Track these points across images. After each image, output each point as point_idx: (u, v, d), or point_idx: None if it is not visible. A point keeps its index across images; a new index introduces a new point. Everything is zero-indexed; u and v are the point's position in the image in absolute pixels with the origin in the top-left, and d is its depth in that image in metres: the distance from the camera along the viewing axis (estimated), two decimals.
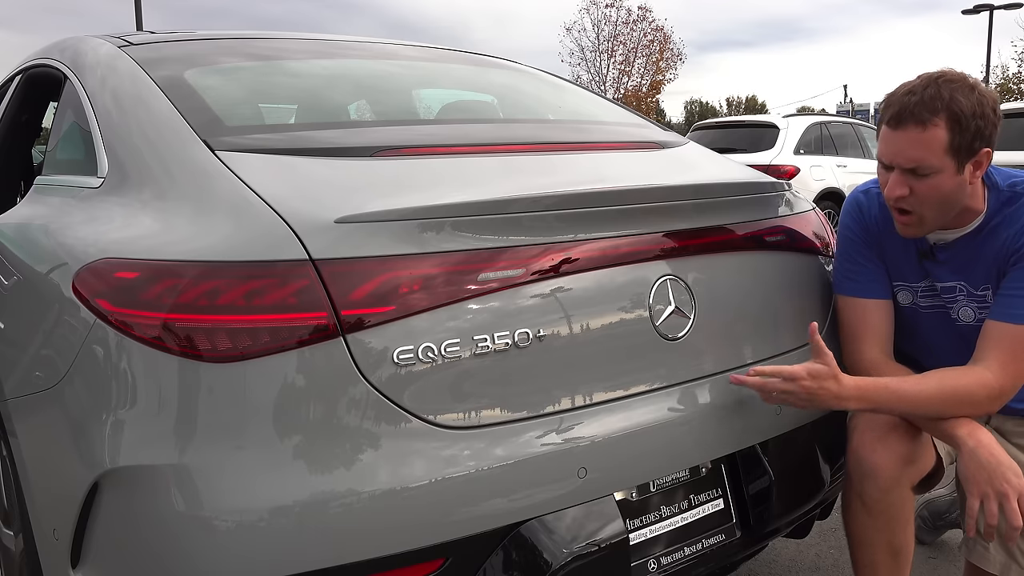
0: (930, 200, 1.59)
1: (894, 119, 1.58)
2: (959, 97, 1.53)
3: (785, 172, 8.50)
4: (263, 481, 1.17)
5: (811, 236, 1.85)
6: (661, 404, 1.47)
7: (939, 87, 1.55)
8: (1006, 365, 1.59)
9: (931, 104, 1.54)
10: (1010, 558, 1.70)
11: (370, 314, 1.22)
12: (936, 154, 1.55)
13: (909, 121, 1.55)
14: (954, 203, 1.62)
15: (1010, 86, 28.66)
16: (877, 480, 1.66)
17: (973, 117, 1.53)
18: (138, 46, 1.88)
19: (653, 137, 2.11)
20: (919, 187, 1.58)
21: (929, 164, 1.56)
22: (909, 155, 1.57)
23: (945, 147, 1.54)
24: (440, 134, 1.85)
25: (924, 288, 1.78)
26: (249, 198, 1.30)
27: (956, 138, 1.54)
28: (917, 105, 1.54)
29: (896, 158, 1.59)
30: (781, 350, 1.70)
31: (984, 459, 1.55)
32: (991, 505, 1.53)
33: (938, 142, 1.54)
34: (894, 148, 1.59)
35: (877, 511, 1.68)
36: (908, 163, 1.57)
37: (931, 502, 2.44)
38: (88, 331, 1.27)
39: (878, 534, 1.70)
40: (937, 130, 1.54)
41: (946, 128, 1.53)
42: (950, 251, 1.71)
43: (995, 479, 1.53)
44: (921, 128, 1.54)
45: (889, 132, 1.59)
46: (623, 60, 31.67)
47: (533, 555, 1.31)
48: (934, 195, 1.58)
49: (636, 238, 1.48)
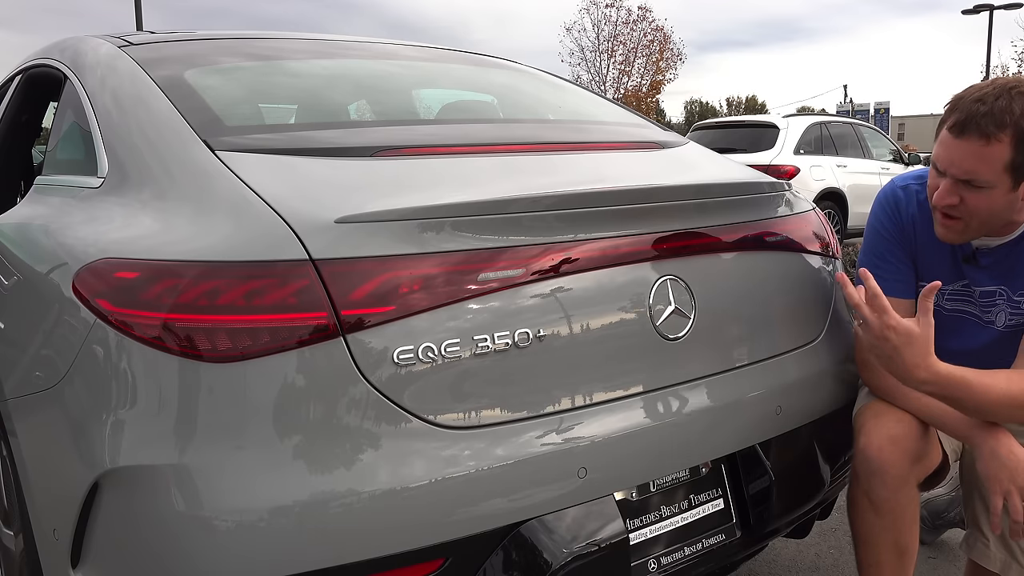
0: (979, 213, 1.55)
1: (958, 126, 1.50)
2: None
3: (785, 172, 8.50)
4: (263, 481, 1.17)
5: (811, 236, 1.85)
6: (661, 404, 1.47)
7: (1011, 99, 1.47)
8: None
9: (1000, 117, 1.46)
10: (1011, 556, 1.70)
11: (370, 314, 1.22)
12: (995, 170, 1.49)
13: (973, 132, 1.48)
14: (1002, 217, 1.58)
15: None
16: (885, 479, 1.65)
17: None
18: (138, 46, 1.88)
19: (653, 137, 2.11)
20: (970, 198, 1.54)
21: (985, 179, 1.50)
22: (966, 167, 1.51)
23: (1006, 164, 1.48)
24: (440, 134, 1.85)
25: (953, 291, 1.76)
26: (249, 198, 1.30)
27: (1019, 156, 1.47)
28: (985, 116, 1.47)
29: (952, 167, 1.53)
30: (781, 350, 1.70)
31: (1005, 456, 1.54)
32: (1015, 501, 1.53)
33: (999, 158, 1.48)
34: (952, 156, 1.53)
35: (885, 510, 1.67)
36: (964, 174, 1.52)
37: (930, 501, 2.44)
38: (88, 331, 1.27)
39: (884, 533, 1.69)
40: (1001, 146, 1.47)
41: (1011, 145, 1.47)
42: (993, 256, 1.68)
43: (1018, 475, 1.52)
44: (984, 141, 1.47)
45: (950, 139, 1.52)
46: (623, 60, 31.71)
47: (533, 555, 1.31)
48: (984, 208, 1.54)
49: (636, 238, 1.48)
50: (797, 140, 9.14)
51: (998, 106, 1.47)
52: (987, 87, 1.52)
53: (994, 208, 1.55)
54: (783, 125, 9.29)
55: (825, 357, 1.78)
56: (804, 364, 1.74)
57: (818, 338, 1.79)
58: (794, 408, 1.67)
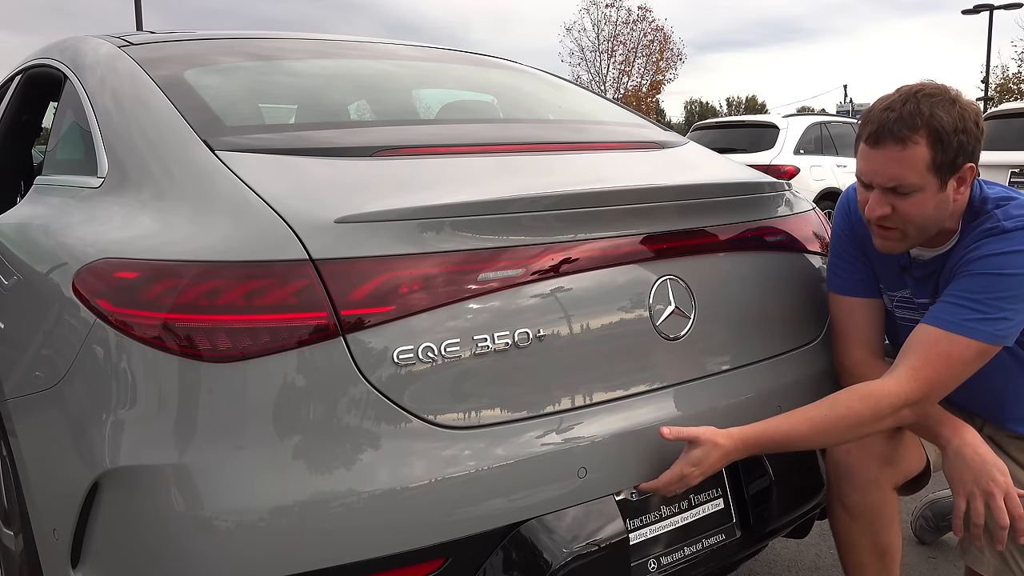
0: (913, 218, 1.54)
1: (872, 137, 1.52)
2: (940, 112, 1.47)
3: (785, 172, 8.49)
4: (263, 481, 1.17)
5: (811, 236, 1.85)
6: (661, 404, 1.47)
7: (918, 102, 1.48)
8: (917, 371, 1.51)
9: (911, 120, 1.47)
10: (1003, 563, 1.69)
11: (370, 314, 1.22)
12: (918, 172, 1.49)
13: (888, 139, 1.49)
14: (937, 220, 1.56)
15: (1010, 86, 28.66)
16: (854, 482, 1.64)
17: (955, 132, 1.47)
18: (138, 46, 1.88)
19: (653, 137, 2.11)
20: (901, 205, 1.53)
21: (911, 183, 1.50)
22: (889, 174, 1.51)
23: (927, 165, 1.49)
24: (440, 134, 1.85)
25: (901, 299, 1.75)
26: (249, 198, 1.30)
27: (938, 155, 1.48)
28: (896, 122, 1.48)
29: (876, 177, 1.53)
30: (781, 350, 1.70)
31: (969, 457, 1.53)
32: (977, 504, 1.51)
33: (919, 160, 1.48)
34: (874, 166, 1.53)
35: (858, 513, 1.67)
36: (889, 182, 1.52)
37: (935, 503, 2.43)
38: (88, 331, 1.27)
39: (861, 536, 1.69)
40: (918, 148, 1.48)
41: (927, 145, 1.48)
42: (925, 269, 1.67)
43: (981, 478, 1.51)
44: (901, 146, 1.48)
45: (868, 150, 1.53)
46: (623, 60, 31.71)
47: (533, 555, 1.31)
48: (917, 213, 1.53)
49: (636, 238, 1.48)
50: (797, 140, 9.14)
51: (907, 110, 1.48)
52: (893, 95, 1.54)
53: (926, 211, 1.54)
54: (783, 125, 9.29)
55: (825, 357, 1.78)
56: (804, 364, 1.74)
57: (818, 338, 1.80)
58: (794, 407, 1.66)
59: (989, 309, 1.50)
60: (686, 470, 1.43)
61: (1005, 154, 6.70)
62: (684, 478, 1.43)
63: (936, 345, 1.52)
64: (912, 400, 1.51)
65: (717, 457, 1.45)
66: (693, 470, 1.43)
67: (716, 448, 1.44)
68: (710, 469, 1.45)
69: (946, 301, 1.55)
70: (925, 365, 1.51)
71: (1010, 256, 1.51)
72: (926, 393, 1.52)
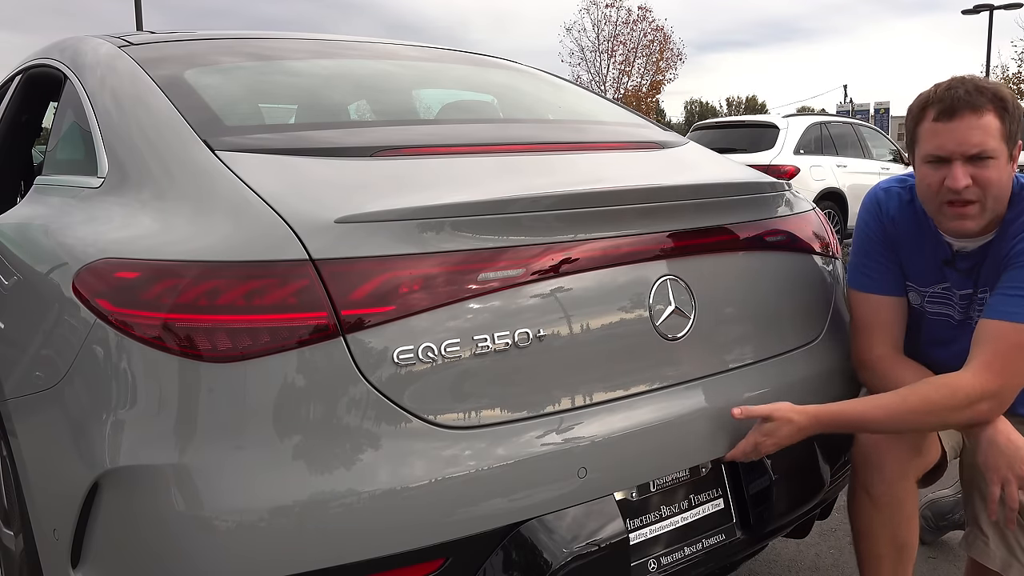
0: (992, 187, 1.59)
1: (946, 112, 1.58)
2: (999, 87, 1.59)
3: (785, 172, 8.49)
4: (263, 481, 1.17)
5: (811, 236, 1.85)
6: (661, 404, 1.47)
7: (975, 81, 1.59)
8: (990, 364, 1.56)
9: (979, 93, 1.57)
10: (1010, 554, 1.70)
11: (370, 314, 1.22)
12: (995, 138, 1.57)
13: (964, 109, 1.57)
14: (1006, 194, 1.63)
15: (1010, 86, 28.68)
16: (883, 472, 1.66)
17: (1015, 107, 1.59)
18: (138, 46, 1.88)
19: (653, 137, 2.11)
20: (980, 175, 1.58)
21: (992, 148, 1.57)
22: (973, 140, 1.57)
23: (1000, 132, 1.57)
24: (440, 134, 1.85)
25: (935, 293, 1.77)
26: (249, 198, 1.30)
27: (1006, 125, 1.58)
28: (966, 95, 1.57)
29: (959, 147, 1.58)
30: (781, 350, 1.70)
31: (1003, 444, 1.55)
32: (1012, 490, 1.54)
33: (994, 127, 1.57)
34: (955, 137, 1.58)
35: (883, 503, 1.69)
36: (973, 148, 1.57)
37: (935, 502, 2.43)
38: (88, 331, 1.27)
39: (883, 528, 1.71)
40: (990, 116, 1.57)
41: (996, 115, 1.57)
42: (971, 259, 1.70)
43: (1016, 463, 1.54)
44: (977, 115, 1.56)
45: (942, 125, 1.59)
46: (623, 60, 31.68)
47: (533, 555, 1.31)
48: (995, 182, 1.59)
49: (636, 238, 1.48)
50: (797, 140, 9.13)
51: (972, 85, 1.59)
52: (944, 83, 1.63)
53: (1003, 181, 1.60)
54: (783, 125, 9.29)
55: (825, 357, 1.78)
56: (804, 364, 1.74)
57: (818, 338, 1.80)
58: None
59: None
60: (759, 439, 1.53)
61: None
62: (758, 446, 1.53)
63: (1005, 338, 1.56)
64: (989, 392, 1.55)
65: (790, 431, 1.54)
66: (766, 439, 1.53)
67: (789, 423, 1.53)
68: (784, 440, 1.54)
69: (1005, 294, 1.60)
70: (997, 358, 1.56)
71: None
72: (1001, 384, 1.56)
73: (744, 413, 1.51)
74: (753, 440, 1.52)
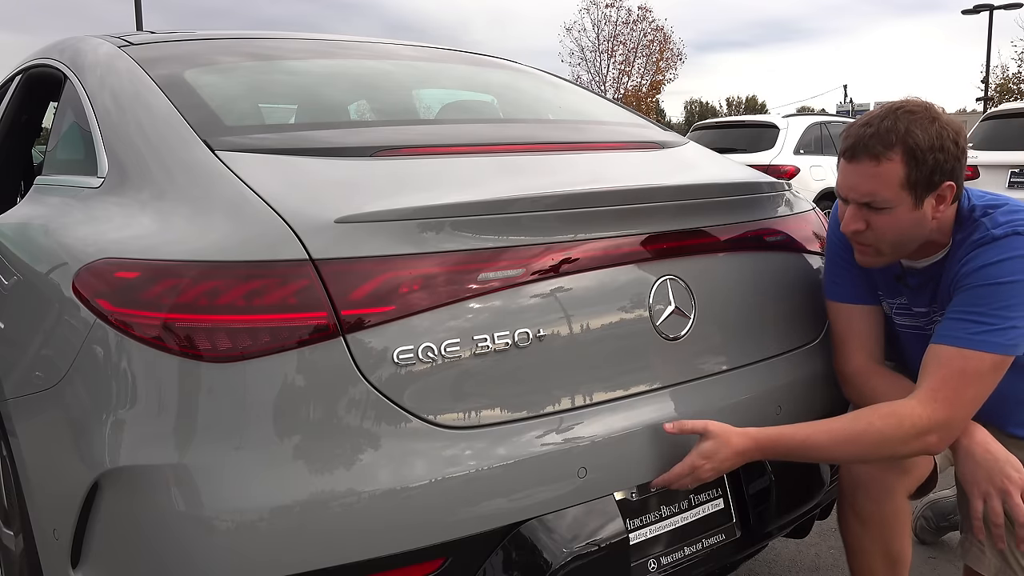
0: (887, 235, 1.54)
1: (849, 151, 1.53)
2: (915, 130, 1.48)
3: (785, 172, 8.49)
4: (263, 481, 1.17)
5: (811, 236, 1.85)
6: (661, 404, 1.47)
7: (896, 119, 1.49)
8: (936, 392, 1.48)
9: (886, 137, 1.48)
10: (1004, 563, 1.68)
11: (370, 314, 1.22)
12: (891, 188, 1.49)
13: (863, 154, 1.50)
14: (913, 237, 1.56)
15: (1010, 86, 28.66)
16: (869, 491, 1.64)
17: (931, 151, 1.48)
18: (138, 46, 1.88)
19: (653, 137, 2.11)
20: (875, 221, 1.53)
21: (884, 198, 1.50)
22: (863, 189, 1.52)
23: (901, 181, 1.49)
24: (440, 134, 1.85)
25: (899, 305, 1.74)
26: (249, 198, 1.30)
27: (912, 172, 1.48)
28: (872, 138, 1.49)
29: (851, 192, 1.54)
30: (781, 350, 1.70)
31: (981, 457, 1.50)
32: (995, 503, 1.49)
33: (893, 176, 1.49)
34: (849, 182, 1.54)
35: (871, 522, 1.66)
36: (862, 197, 1.52)
37: (935, 503, 2.43)
38: (88, 331, 1.27)
39: (873, 544, 1.68)
40: (892, 164, 1.48)
41: (902, 162, 1.48)
42: (920, 277, 1.67)
43: (995, 476, 1.49)
44: (875, 162, 1.49)
45: (845, 165, 1.55)
46: (623, 60, 31.68)
47: (533, 555, 1.31)
48: (891, 230, 1.54)
49: (636, 238, 1.48)
50: (797, 140, 9.13)
51: (883, 127, 1.49)
52: (876, 112, 1.54)
53: (902, 228, 1.54)
54: (783, 125, 9.29)
55: (825, 358, 1.78)
56: (804, 364, 1.74)
57: (818, 338, 1.80)
58: (794, 408, 1.67)
59: (995, 320, 1.48)
60: (697, 462, 1.42)
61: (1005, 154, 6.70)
62: (695, 470, 1.42)
63: (950, 363, 1.49)
64: (936, 423, 1.47)
65: (729, 454, 1.44)
66: (704, 463, 1.42)
67: (727, 445, 1.44)
68: (722, 465, 1.44)
69: (952, 318, 1.53)
70: (943, 385, 1.48)
71: (1005, 263, 1.50)
72: (949, 415, 1.48)
73: (676, 427, 1.42)
74: (690, 463, 1.42)
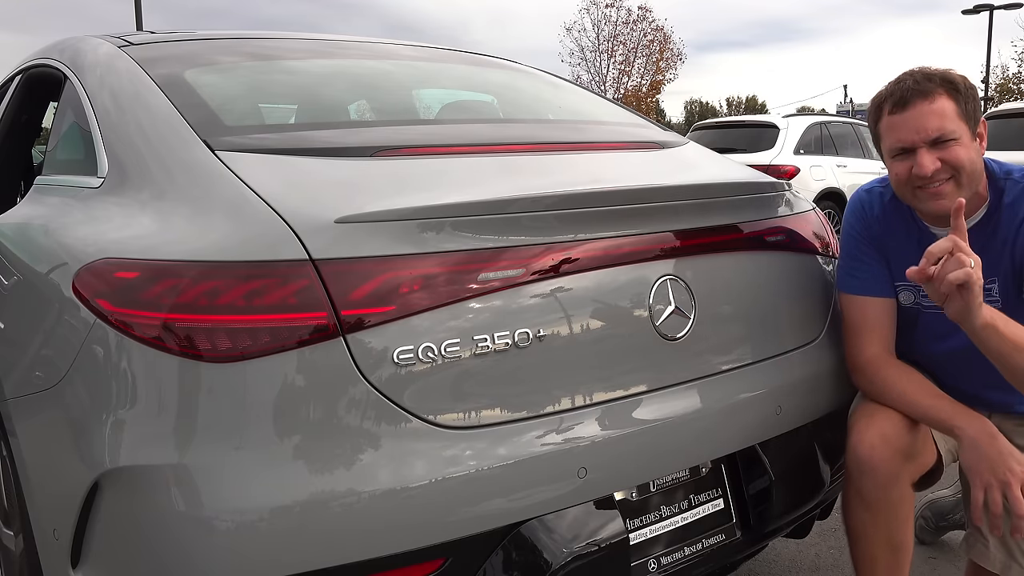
0: (963, 163, 1.62)
1: (898, 104, 1.64)
2: (948, 72, 1.64)
3: (785, 172, 8.50)
4: (263, 481, 1.17)
5: (811, 236, 1.85)
6: (661, 404, 1.47)
7: (924, 70, 1.65)
8: None
9: (928, 81, 1.62)
10: (1010, 557, 1.70)
11: (370, 314, 1.22)
12: (951, 119, 1.61)
13: (915, 97, 1.62)
14: (980, 172, 1.66)
15: (1010, 86, 28.65)
16: (876, 476, 1.66)
17: (966, 87, 1.64)
18: (138, 46, 1.88)
19: (653, 137, 2.11)
20: (948, 155, 1.61)
21: (950, 129, 1.60)
22: (931, 126, 1.61)
23: (956, 112, 1.61)
24: (440, 134, 1.85)
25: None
26: (249, 198, 1.30)
27: (961, 104, 1.62)
28: (915, 84, 1.62)
29: (918, 134, 1.62)
30: (781, 350, 1.70)
31: (985, 448, 1.55)
32: (995, 494, 1.52)
33: (948, 108, 1.61)
34: (912, 125, 1.63)
35: (876, 507, 1.68)
36: (932, 133, 1.61)
37: (935, 502, 2.43)
38: (88, 331, 1.27)
39: (877, 530, 1.70)
40: (942, 99, 1.61)
41: (948, 96, 1.62)
42: None
43: (998, 467, 1.52)
44: (929, 100, 1.61)
45: (898, 118, 1.64)
46: (623, 60, 31.65)
47: (533, 555, 1.31)
48: (964, 159, 1.62)
49: (636, 238, 1.48)
50: (797, 140, 9.14)
51: (919, 75, 1.65)
52: (899, 76, 1.69)
53: (972, 157, 1.63)
54: (783, 125, 9.29)
55: (825, 357, 1.78)
56: (804, 364, 1.74)
57: (818, 338, 1.80)
58: (794, 408, 1.67)
59: None
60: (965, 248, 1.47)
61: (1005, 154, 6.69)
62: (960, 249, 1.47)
63: None
64: None
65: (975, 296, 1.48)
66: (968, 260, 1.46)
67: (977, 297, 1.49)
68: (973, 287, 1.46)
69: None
70: None
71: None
72: None
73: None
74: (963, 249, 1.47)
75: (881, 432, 1.65)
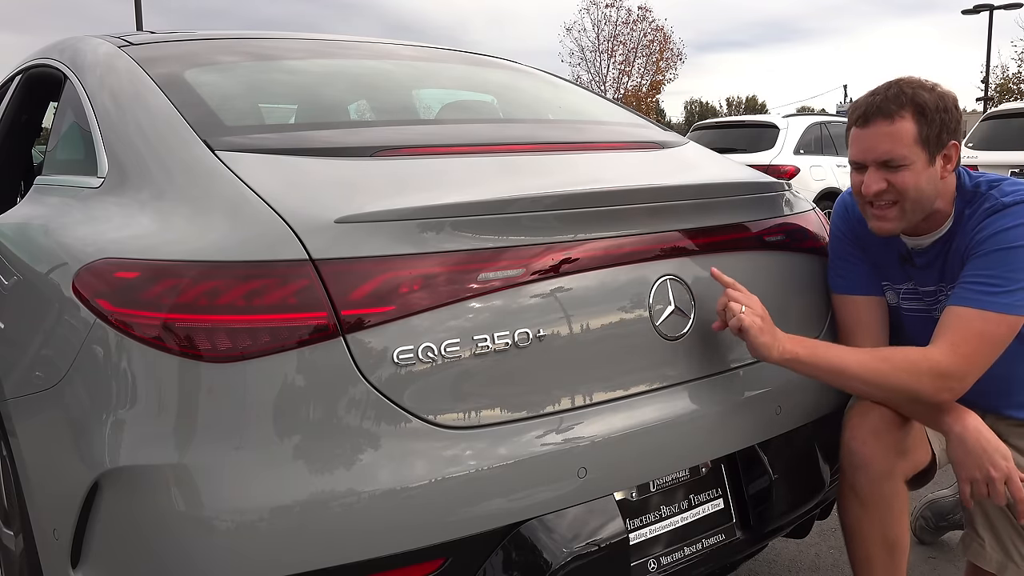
0: (908, 191, 1.61)
1: (862, 118, 1.62)
2: (921, 92, 1.60)
3: (785, 172, 8.50)
4: (263, 481, 1.17)
5: (811, 236, 1.85)
6: (661, 404, 1.47)
7: (900, 86, 1.61)
8: (956, 346, 1.57)
9: (896, 99, 1.59)
10: (1007, 557, 1.71)
11: (370, 314, 1.22)
12: (907, 145, 1.59)
13: (877, 116, 1.60)
14: (929, 196, 1.64)
15: (1010, 86, 28.65)
16: (869, 471, 1.67)
17: (937, 110, 1.59)
18: (138, 46, 1.88)
19: (653, 137, 2.11)
20: (895, 179, 1.61)
21: (901, 155, 1.59)
22: (881, 148, 1.60)
23: (914, 138, 1.59)
24: (440, 134, 1.85)
25: (907, 290, 1.79)
26: (249, 198, 1.30)
27: (923, 129, 1.58)
28: (882, 101, 1.60)
29: (869, 154, 1.62)
30: None
31: (971, 442, 1.57)
32: (980, 488, 1.57)
33: (907, 133, 1.58)
34: (866, 144, 1.62)
35: (870, 503, 1.69)
36: (881, 156, 1.60)
37: (935, 502, 2.44)
38: (88, 331, 1.27)
39: (872, 527, 1.71)
40: (904, 122, 1.58)
41: (912, 120, 1.59)
42: (926, 256, 1.73)
43: (983, 463, 1.56)
44: (889, 121, 1.59)
45: (859, 131, 1.64)
46: (623, 60, 31.64)
47: (533, 555, 1.31)
48: (911, 186, 1.61)
49: (636, 238, 1.48)
50: (797, 140, 9.14)
51: (891, 92, 1.61)
52: (878, 86, 1.65)
53: (920, 185, 1.61)
54: (783, 125, 9.29)
55: None
56: None
57: (818, 337, 1.79)
58: (794, 408, 1.67)
59: (1009, 283, 1.57)
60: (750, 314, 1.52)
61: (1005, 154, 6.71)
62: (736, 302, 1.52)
63: (970, 324, 1.57)
64: (953, 371, 1.56)
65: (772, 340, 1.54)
66: (757, 320, 1.52)
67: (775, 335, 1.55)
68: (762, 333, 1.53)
69: (967, 283, 1.61)
70: (963, 341, 1.57)
71: (1017, 229, 1.59)
72: (967, 369, 1.57)
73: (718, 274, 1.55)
74: (742, 300, 1.53)
75: (874, 427, 1.67)
